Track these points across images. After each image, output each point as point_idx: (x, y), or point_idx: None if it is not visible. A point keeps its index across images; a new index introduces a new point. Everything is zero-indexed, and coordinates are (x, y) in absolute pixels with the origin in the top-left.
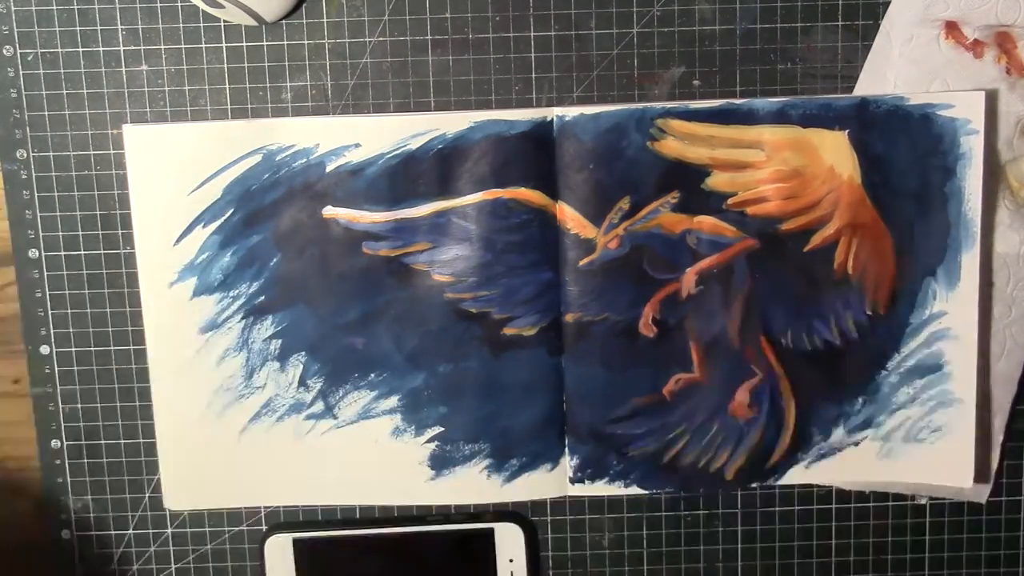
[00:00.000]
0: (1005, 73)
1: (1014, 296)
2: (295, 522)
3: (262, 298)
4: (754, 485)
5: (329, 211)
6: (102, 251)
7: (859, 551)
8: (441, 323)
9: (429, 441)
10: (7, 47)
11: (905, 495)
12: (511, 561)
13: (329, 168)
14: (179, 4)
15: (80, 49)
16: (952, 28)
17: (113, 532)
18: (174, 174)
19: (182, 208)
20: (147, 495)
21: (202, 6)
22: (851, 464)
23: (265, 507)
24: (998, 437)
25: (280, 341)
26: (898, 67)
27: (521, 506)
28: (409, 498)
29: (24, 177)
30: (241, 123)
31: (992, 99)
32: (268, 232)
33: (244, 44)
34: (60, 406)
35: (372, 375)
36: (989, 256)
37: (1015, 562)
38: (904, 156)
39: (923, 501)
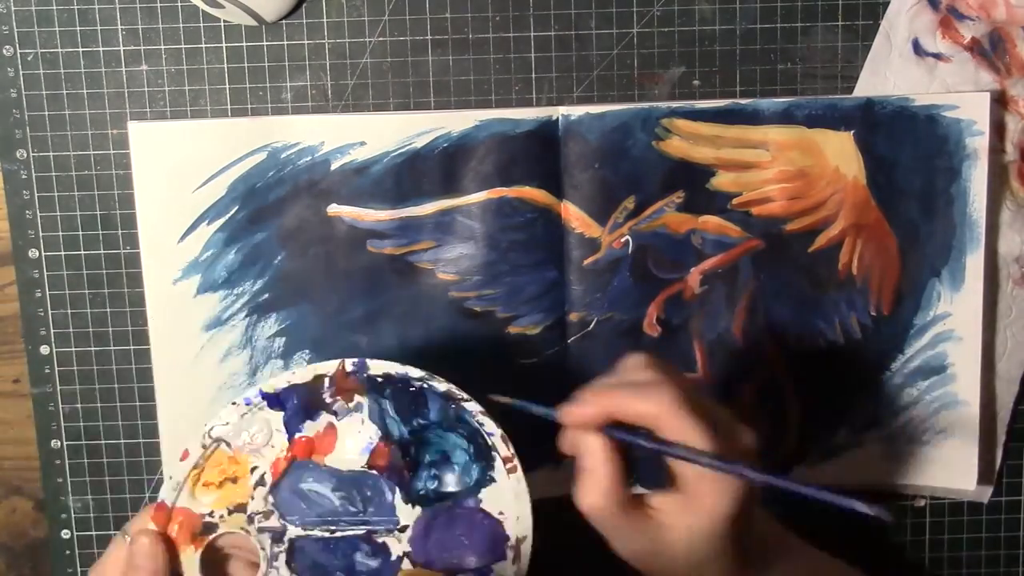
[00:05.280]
0: (1005, 72)
1: (1014, 296)
2: None
3: (266, 296)
4: None
5: (334, 209)
6: (102, 251)
7: (859, 551)
8: (445, 322)
9: None
10: (7, 47)
11: (905, 495)
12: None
13: (334, 166)
14: (179, 4)
15: (80, 49)
16: (950, 28)
17: (113, 532)
18: (179, 171)
19: (186, 205)
20: (147, 495)
21: (202, 6)
22: (854, 465)
23: None
24: (1000, 437)
25: (284, 339)
26: (898, 67)
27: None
28: None
29: (24, 177)
30: (246, 120)
31: (996, 100)
32: (272, 230)
33: (244, 44)
34: (60, 406)
35: None
36: (994, 258)
37: (1015, 562)
38: (909, 157)
39: (922, 503)
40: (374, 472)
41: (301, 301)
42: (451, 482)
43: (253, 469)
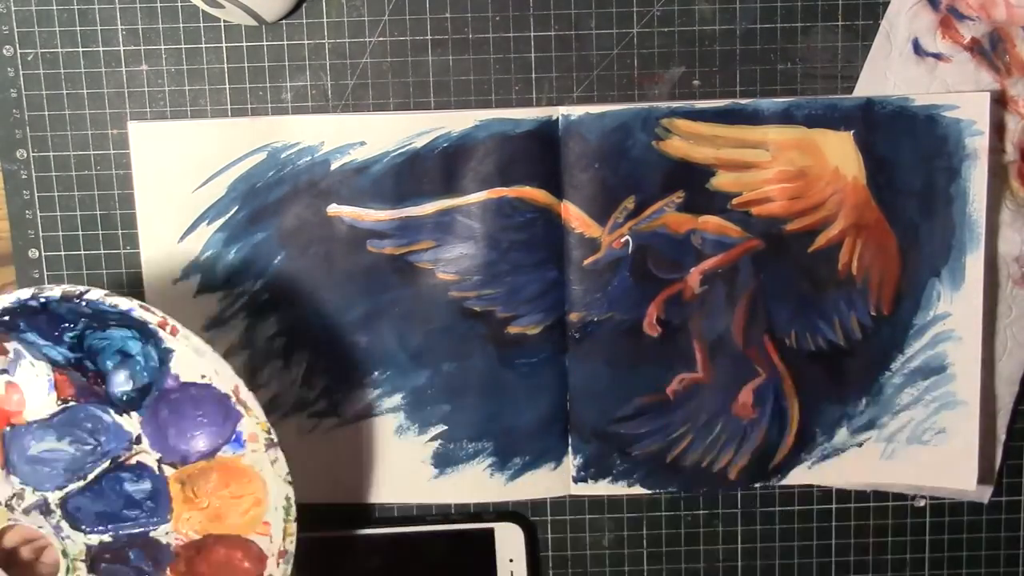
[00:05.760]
0: (1005, 72)
1: (1014, 296)
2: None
3: (266, 296)
4: (756, 485)
5: (334, 209)
6: (102, 251)
7: (859, 551)
8: (445, 321)
9: (432, 439)
10: (7, 47)
11: (905, 495)
12: (511, 561)
13: (334, 166)
14: (179, 4)
15: (80, 49)
16: (950, 28)
17: None
18: (179, 171)
19: (187, 205)
20: None
21: (202, 6)
22: (854, 465)
23: None
24: (1000, 437)
25: (284, 339)
26: (898, 67)
27: (521, 506)
28: (412, 496)
29: (24, 177)
30: (246, 120)
31: (996, 100)
32: (272, 230)
33: (244, 44)
34: None
35: (376, 373)
36: (994, 257)
37: (1015, 562)
38: (909, 157)
39: (922, 503)
40: (73, 403)
41: (301, 301)
42: (143, 373)
43: None
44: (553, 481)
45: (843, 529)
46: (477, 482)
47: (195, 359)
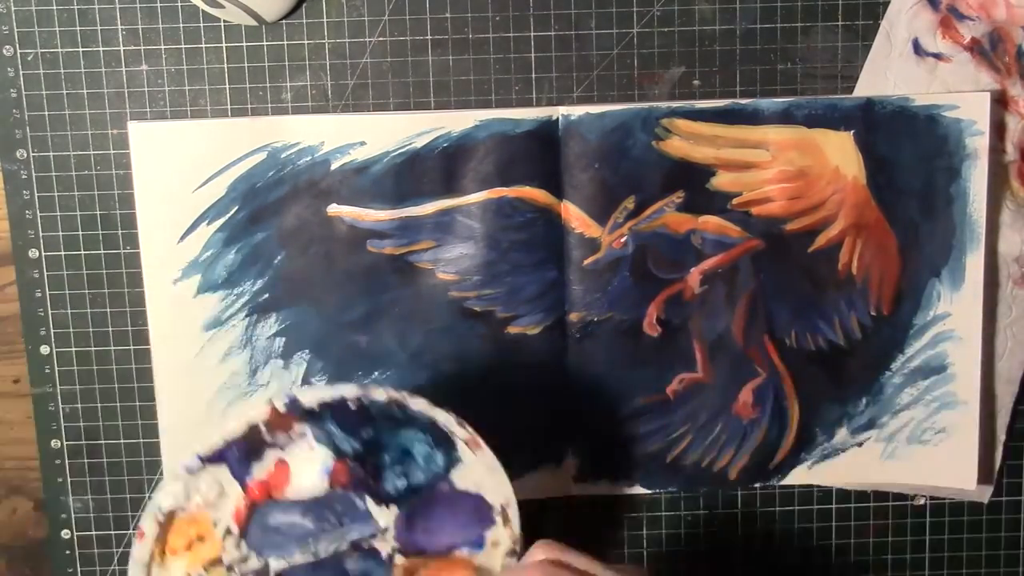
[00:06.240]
0: (1005, 72)
1: (1015, 295)
2: None
3: (266, 296)
4: (756, 485)
5: (334, 209)
6: (102, 251)
7: (859, 551)
8: (445, 321)
9: None
10: (7, 47)
11: (905, 495)
12: None
13: (334, 166)
14: (179, 4)
15: (80, 49)
16: (950, 27)
17: (113, 532)
18: (179, 171)
19: (187, 205)
20: (147, 495)
21: (202, 6)
22: (854, 465)
23: None
24: (1000, 437)
25: (284, 339)
26: (898, 67)
27: (521, 506)
28: None
29: (24, 177)
30: (246, 120)
31: (997, 100)
32: (272, 230)
33: (244, 44)
34: (60, 406)
35: (376, 373)
36: (994, 257)
37: (1015, 562)
38: (909, 157)
39: (921, 501)
40: (340, 491)
41: (301, 301)
42: (419, 474)
43: (216, 523)
44: (553, 481)
45: (843, 529)
46: None
47: (480, 473)
